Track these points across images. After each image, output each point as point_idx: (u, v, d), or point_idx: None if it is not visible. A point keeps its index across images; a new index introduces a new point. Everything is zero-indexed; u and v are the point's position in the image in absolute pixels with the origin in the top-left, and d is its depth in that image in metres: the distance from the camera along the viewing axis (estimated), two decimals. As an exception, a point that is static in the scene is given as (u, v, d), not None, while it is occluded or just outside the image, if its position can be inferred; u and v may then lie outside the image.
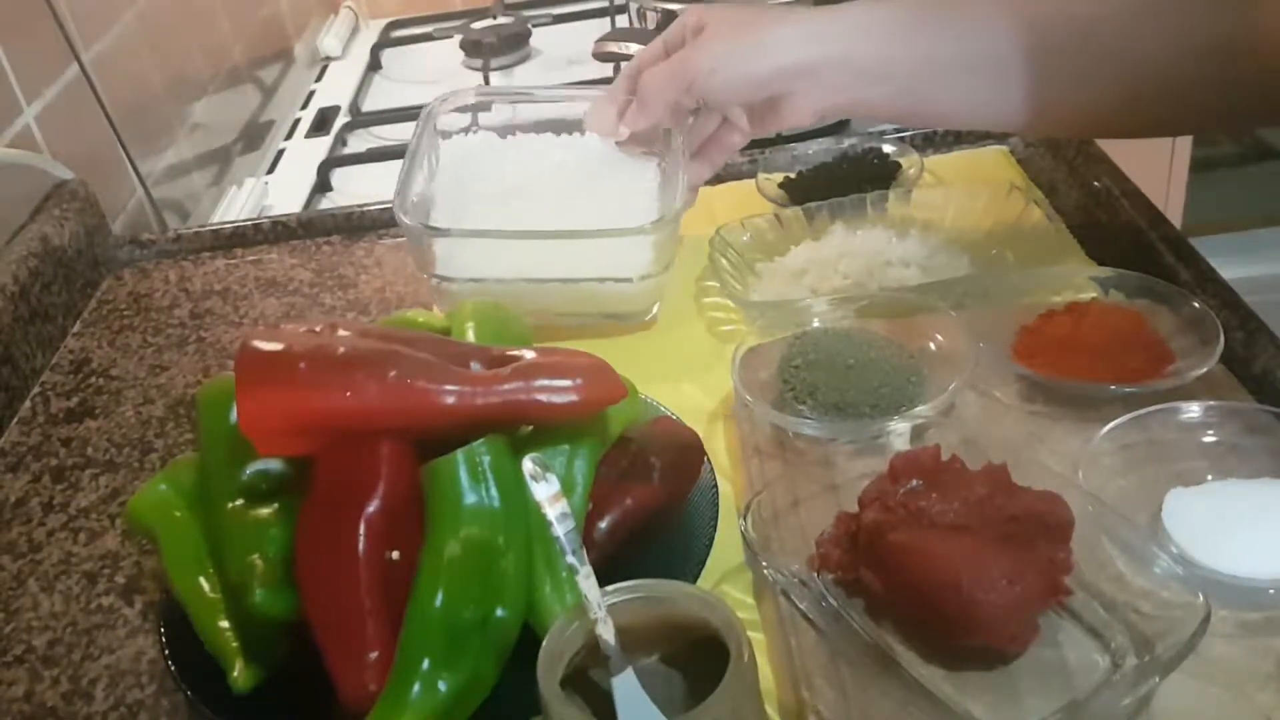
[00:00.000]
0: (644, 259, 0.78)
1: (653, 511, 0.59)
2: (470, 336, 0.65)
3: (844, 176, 0.91)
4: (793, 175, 0.94)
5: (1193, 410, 0.62)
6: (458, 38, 1.50)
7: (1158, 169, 1.95)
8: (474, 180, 0.84)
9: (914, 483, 0.56)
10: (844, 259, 0.80)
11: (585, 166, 0.83)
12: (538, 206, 0.80)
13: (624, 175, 0.83)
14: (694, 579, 0.57)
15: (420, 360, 0.56)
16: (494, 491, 0.53)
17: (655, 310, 0.82)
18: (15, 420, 0.85)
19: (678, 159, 0.80)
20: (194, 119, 1.26)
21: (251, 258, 1.01)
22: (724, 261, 0.81)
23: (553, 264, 0.78)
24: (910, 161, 0.92)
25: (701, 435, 0.65)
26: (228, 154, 1.32)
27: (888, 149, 0.94)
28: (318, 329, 0.58)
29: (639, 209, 0.80)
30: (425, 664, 0.50)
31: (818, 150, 0.96)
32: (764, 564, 0.57)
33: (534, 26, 1.50)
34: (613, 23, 1.34)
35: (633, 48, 1.03)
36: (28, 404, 0.86)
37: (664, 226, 0.77)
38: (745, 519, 0.59)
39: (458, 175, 0.84)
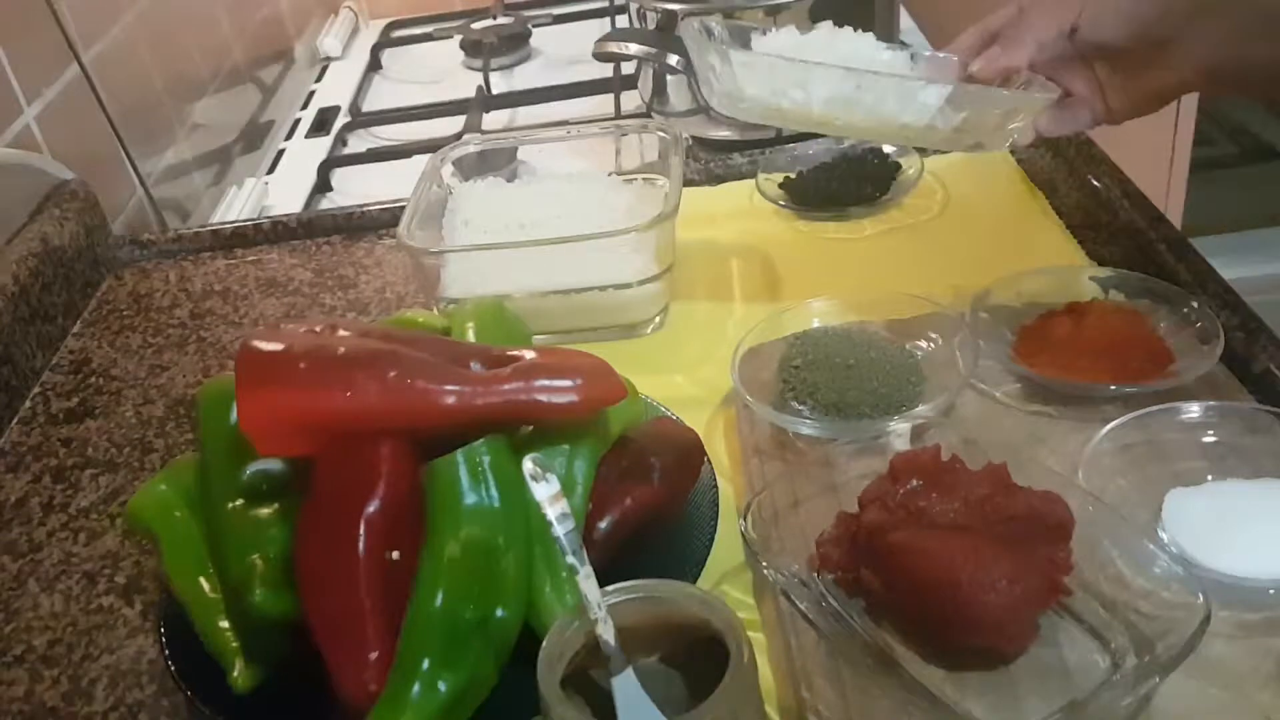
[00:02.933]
0: (642, 262, 0.78)
1: (653, 511, 0.59)
2: (470, 336, 0.65)
3: (844, 176, 0.91)
4: (792, 175, 0.94)
5: (1193, 410, 0.62)
6: (458, 38, 1.50)
7: (1158, 169, 1.94)
8: (482, 219, 0.86)
9: (914, 483, 0.56)
10: (826, 57, 0.73)
11: (589, 202, 0.85)
12: (541, 234, 0.81)
13: (626, 207, 0.84)
14: (694, 579, 0.57)
15: (420, 360, 0.56)
16: (494, 491, 0.53)
17: (659, 320, 0.82)
18: (15, 420, 0.85)
19: (678, 183, 0.81)
20: (194, 119, 1.26)
21: (251, 258, 1.02)
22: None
23: (554, 275, 0.79)
24: (910, 162, 0.92)
25: (701, 435, 0.65)
26: (228, 154, 1.32)
27: (888, 149, 0.94)
28: (318, 329, 0.58)
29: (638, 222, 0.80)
30: (425, 664, 0.49)
31: (818, 150, 0.96)
32: (764, 564, 0.57)
33: (534, 26, 1.51)
34: (613, 23, 1.34)
35: (633, 48, 1.03)
36: (28, 404, 0.86)
37: (657, 225, 0.77)
38: (745, 519, 0.59)
39: (467, 218, 0.86)
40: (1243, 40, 0.64)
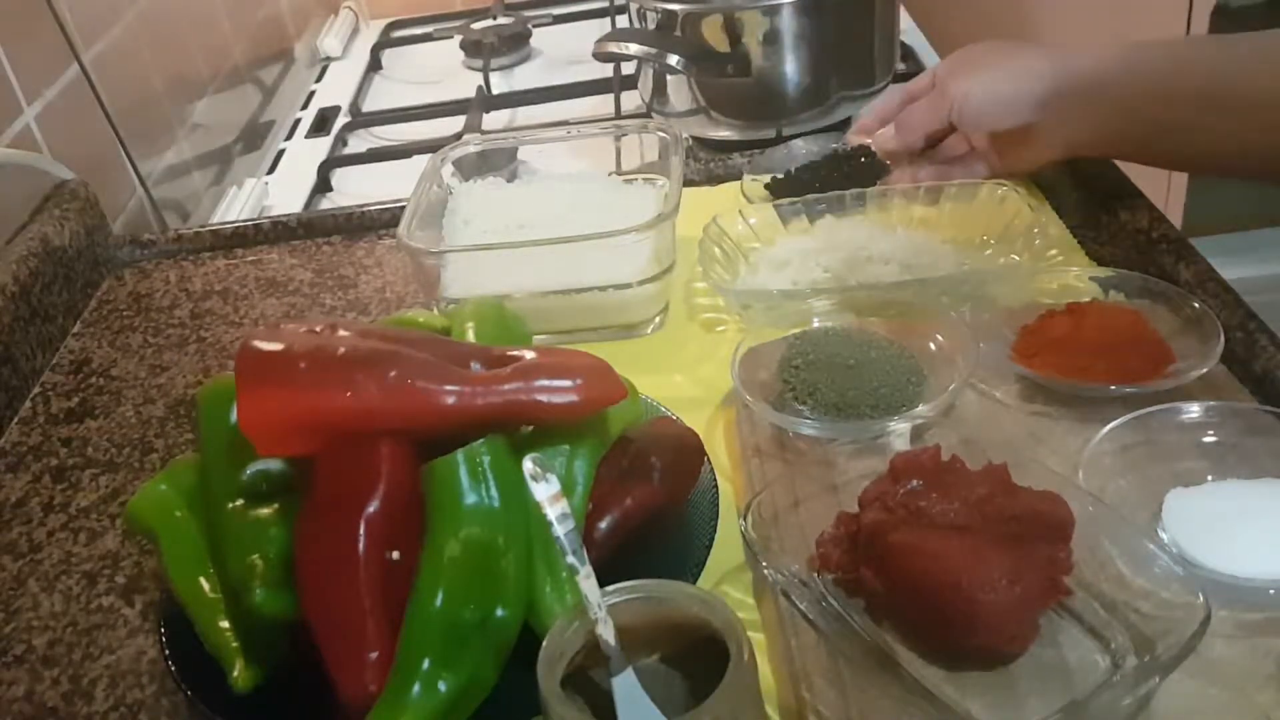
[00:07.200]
0: (642, 262, 0.78)
1: (653, 511, 0.59)
2: (470, 336, 0.65)
3: (831, 176, 0.89)
4: (780, 176, 0.93)
5: (1193, 410, 0.62)
6: (458, 38, 1.50)
7: (1158, 169, 1.94)
8: (482, 219, 0.86)
9: (914, 483, 0.56)
10: (825, 252, 0.81)
11: (589, 202, 0.85)
12: (541, 234, 0.81)
13: (626, 207, 0.84)
14: (694, 579, 0.57)
15: (420, 360, 0.56)
16: (494, 491, 0.53)
17: (659, 320, 0.82)
18: (15, 420, 0.85)
19: (678, 183, 0.81)
20: (194, 119, 1.26)
21: (251, 258, 1.02)
22: (716, 250, 0.81)
23: (554, 275, 0.79)
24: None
25: (701, 435, 0.65)
26: (228, 154, 1.32)
27: (876, 147, 0.92)
28: (318, 329, 0.58)
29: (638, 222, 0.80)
30: (425, 664, 0.50)
31: (808, 151, 0.95)
32: (764, 564, 0.57)
33: (534, 26, 1.51)
34: (613, 23, 1.34)
35: (633, 48, 1.03)
36: (28, 404, 0.86)
37: (656, 226, 0.77)
38: (745, 519, 0.59)
39: (466, 218, 0.86)
40: (1096, 120, 0.77)
